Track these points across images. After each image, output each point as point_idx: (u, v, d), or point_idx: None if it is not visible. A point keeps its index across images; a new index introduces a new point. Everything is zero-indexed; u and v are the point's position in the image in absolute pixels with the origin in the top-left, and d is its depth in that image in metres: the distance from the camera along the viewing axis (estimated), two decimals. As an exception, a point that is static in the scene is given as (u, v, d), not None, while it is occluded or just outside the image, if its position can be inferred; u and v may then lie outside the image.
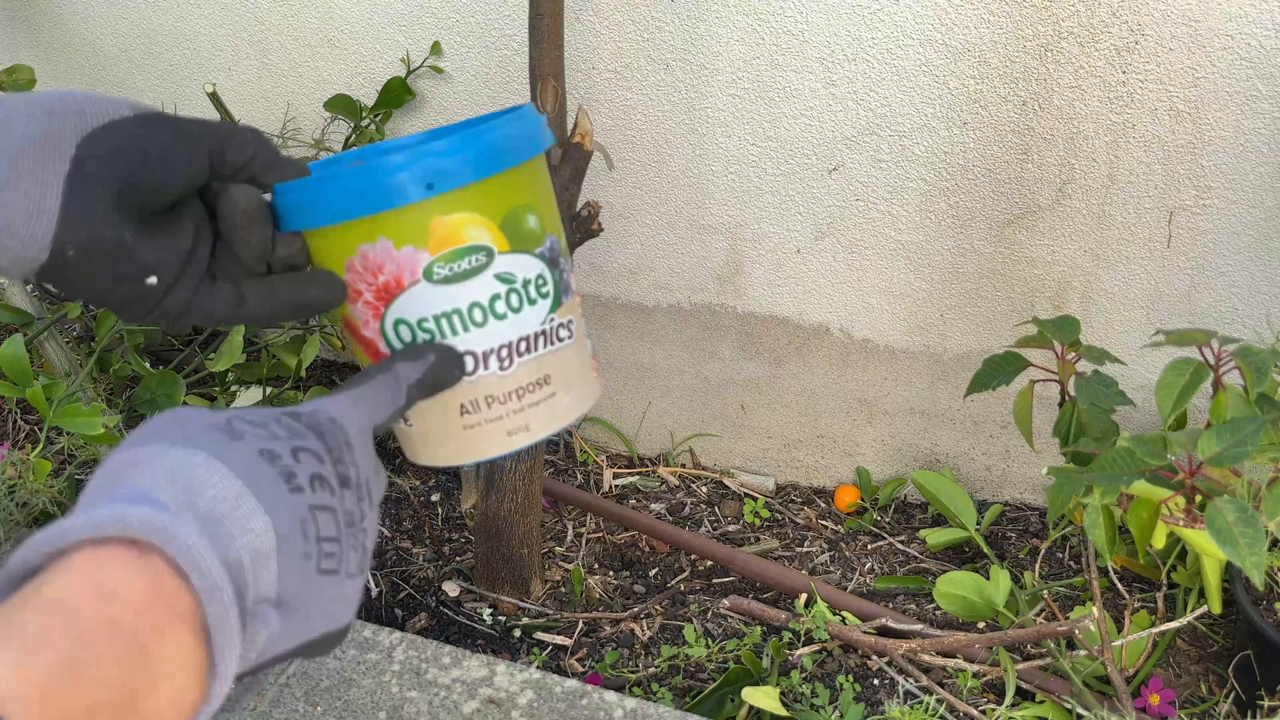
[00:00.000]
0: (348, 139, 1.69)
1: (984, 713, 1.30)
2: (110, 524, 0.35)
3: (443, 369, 0.52)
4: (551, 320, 0.54)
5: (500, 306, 0.52)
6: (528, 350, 0.53)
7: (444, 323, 0.52)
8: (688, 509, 1.78)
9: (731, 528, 1.74)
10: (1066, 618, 1.33)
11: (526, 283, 0.53)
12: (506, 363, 0.53)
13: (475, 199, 0.51)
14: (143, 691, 0.34)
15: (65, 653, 0.32)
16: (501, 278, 0.52)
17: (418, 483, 1.80)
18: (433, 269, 0.51)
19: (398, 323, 0.52)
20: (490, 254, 0.51)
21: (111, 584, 0.34)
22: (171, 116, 0.50)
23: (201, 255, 0.52)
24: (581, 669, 1.47)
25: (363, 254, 0.52)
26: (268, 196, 0.53)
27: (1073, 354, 1.24)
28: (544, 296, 0.53)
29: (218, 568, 0.37)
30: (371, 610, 1.55)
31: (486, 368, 0.53)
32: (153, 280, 0.50)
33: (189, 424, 0.42)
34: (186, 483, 0.39)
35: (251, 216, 0.52)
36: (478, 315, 0.52)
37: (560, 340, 0.55)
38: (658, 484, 1.84)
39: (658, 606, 1.57)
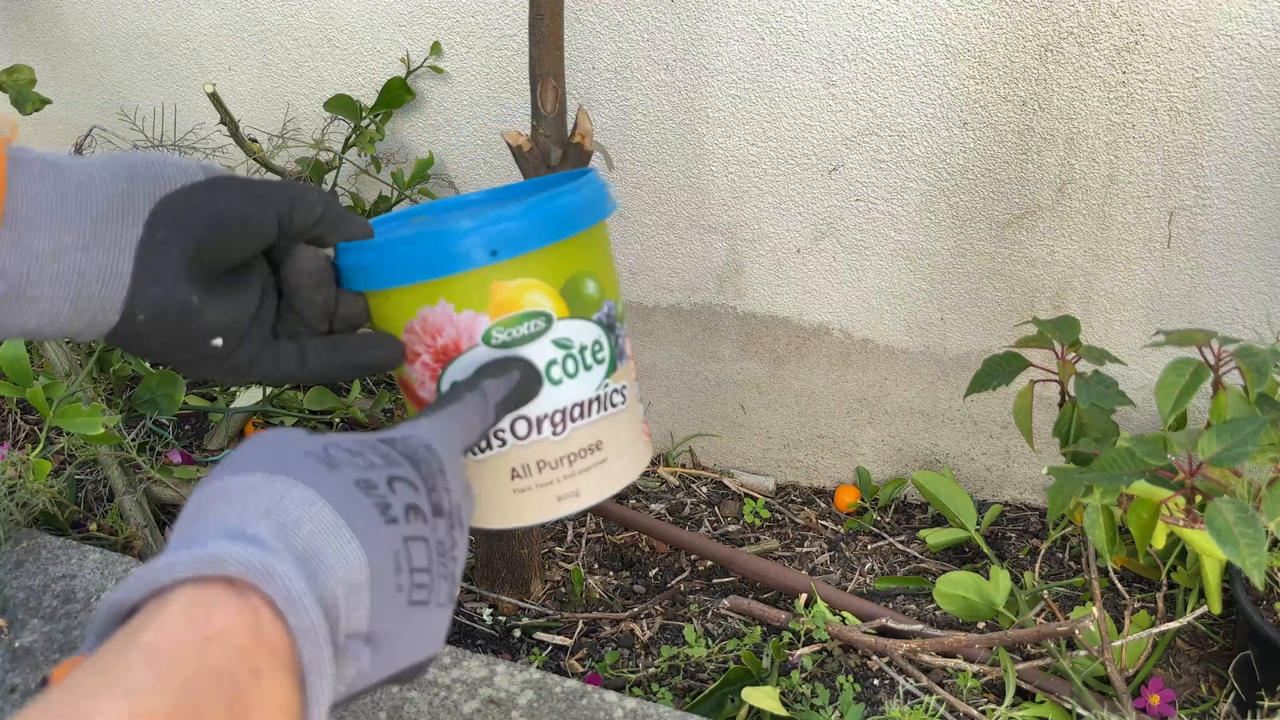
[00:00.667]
0: (347, 139, 1.69)
1: (984, 713, 1.30)
2: (209, 564, 0.35)
3: (527, 385, 0.51)
4: (606, 386, 0.54)
5: (556, 372, 0.52)
6: (582, 416, 0.53)
7: None
8: (688, 509, 1.78)
9: (731, 528, 1.74)
10: (1066, 618, 1.33)
11: (584, 349, 0.53)
12: (560, 428, 0.53)
13: (538, 265, 0.51)
14: None
15: (170, 702, 0.32)
16: (559, 343, 0.52)
17: (418, 483, 1.80)
18: (491, 333, 0.51)
19: (454, 385, 0.53)
20: (549, 319, 0.52)
21: (213, 628, 0.34)
22: (243, 179, 0.50)
23: (267, 314, 0.53)
24: (581, 669, 1.47)
25: (423, 317, 0.52)
26: (330, 253, 0.54)
27: (1073, 354, 1.24)
28: (600, 362, 0.54)
29: (313, 607, 0.36)
30: (371, 610, 1.55)
31: (540, 433, 0.52)
32: (218, 341, 0.51)
33: (287, 451, 0.42)
34: (283, 517, 0.38)
35: (317, 279, 0.52)
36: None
37: (614, 406, 0.55)
38: (658, 484, 1.84)
39: (658, 606, 1.57)
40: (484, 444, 0.53)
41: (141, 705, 0.31)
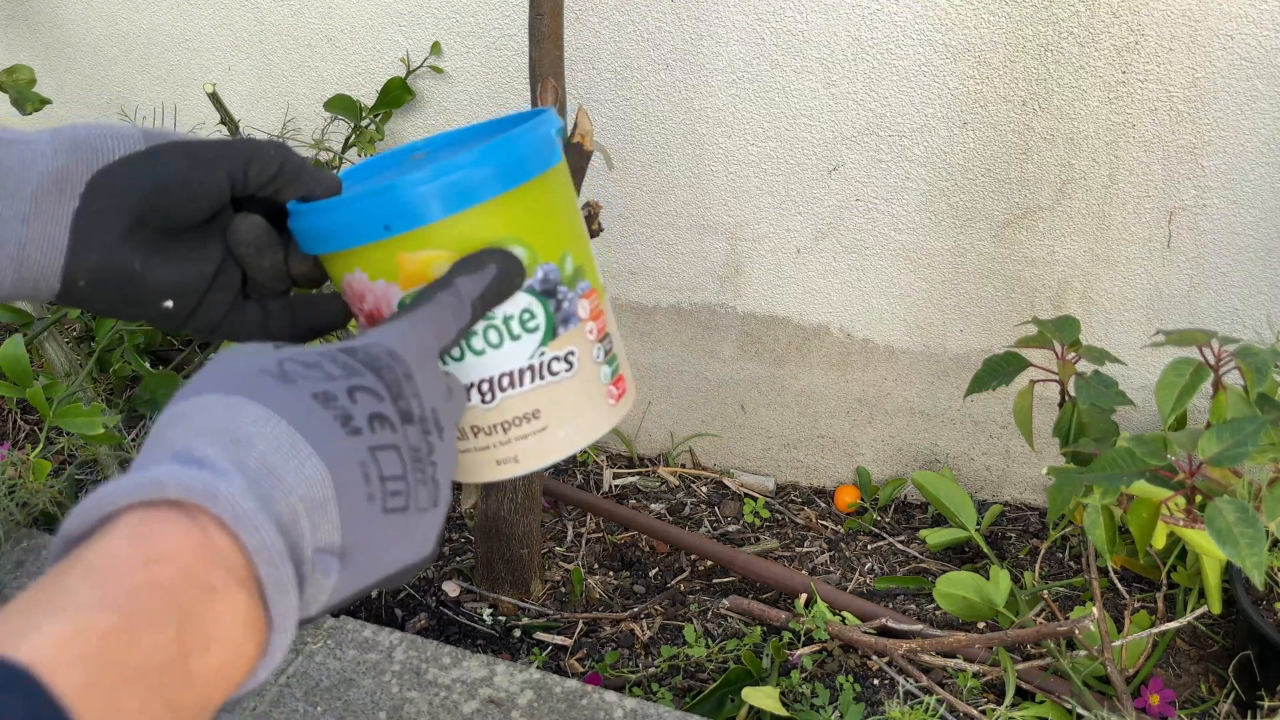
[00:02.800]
0: (347, 139, 1.69)
1: (984, 713, 1.30)
2: (151, 488, 0.35)
3: (505, 278, 0.50)
4: (543, 354, 0.51)
5: (478, 343, 0.50)
6: (512, 385, 0.51)
7: None
8: (688, 509, 1.78)
9: (731, 528, 1.74)
10: (1066, 618, 1.33)
11: (509, 318, 0.50)
12: (488, 396, 0.51)
13: (439, 237, 0.49)
14: (194, 651, 0.34)
15: (111, 617, 0.32)
16: None
17: (418, 483, 1.80)
18: (405, 302, 0.50)
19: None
20: None
21: (157, 548, 0.34)
22: (187, 142, 0.51)
23: (231, 275, 0.54)
24: (581, 669, 1.46)
25: (348, 282, 0.52)
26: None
27: (1073, 354, 1.24)
28: (531, 331, 0.51)
29: (265, 524, 0.36)
30: (371, 610, 1.55)
31: (469, 399, 0.51)
32: (169, 304, 0.51)
33: (242, 369, 0.41)
34: (235, 435, 0.38)
35: (257, 244, 0.53)
36: (454, 350, 0.51)
37: (553, 374, 0.52)
38: (658, 484, 1.84)
39: (658, 606, 1.57)
40: None
41: (83, 621, 0.31)
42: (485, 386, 0.51)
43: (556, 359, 0.52)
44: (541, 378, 0.51)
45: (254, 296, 0.55)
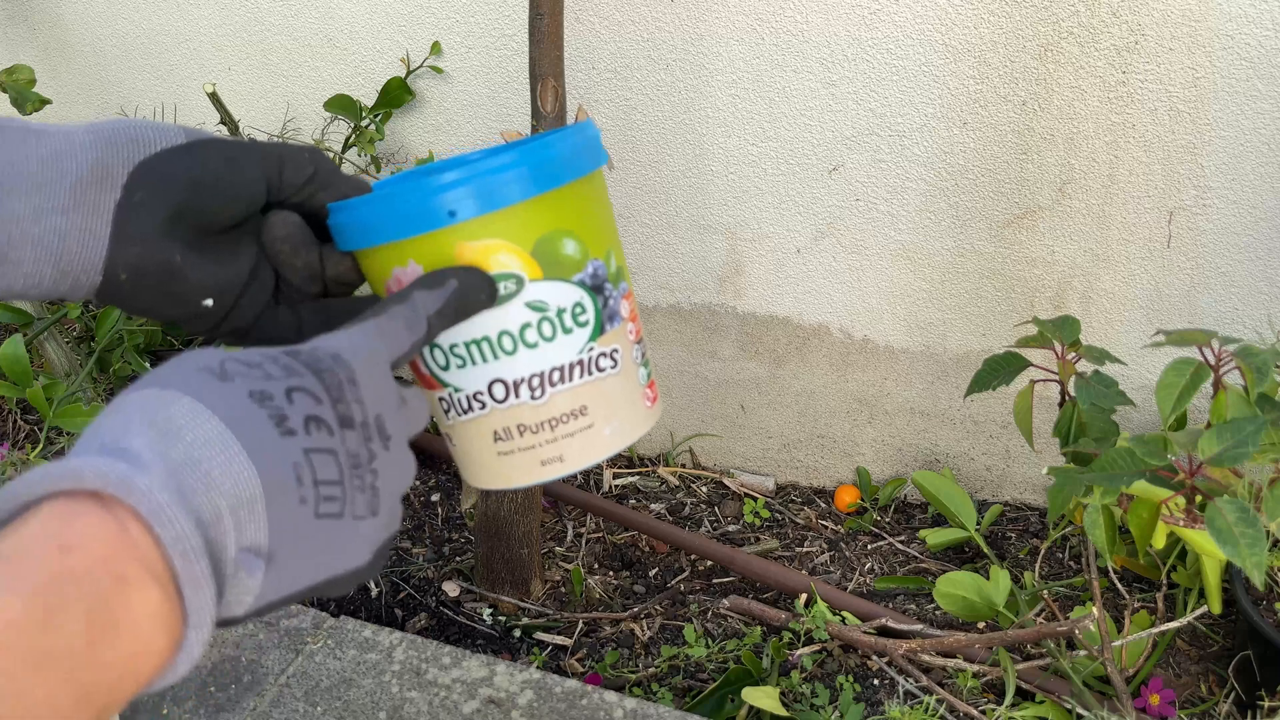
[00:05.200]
0: (347, 139, 1.69)
1: (984, 713, 1.30)
2: (67, 478, 0.35)
3: (468, 295, 0.49)
4: (591, 350, 0.52)
5: (531, 335, 0.50)
6: (562, 380, 0.51)
7: (474, 349, 0.51)
8: (688, 509, 1.78)
9: (731, 528, 1.74)
10: (1066, 618, 1.33)
11: (561, 311, 0.51)
12: (538, 392, 0.51)
13: (501, 226, 0.49)
14: (102, 641, 0.33)
15: (19, 604, 0.32)
16: (533, 305, 0.50)
17: (418, 483, 1.80)
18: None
19: (432, 347, 0.51)
20: (520, 281, 0.50)
21: (70, 537, 0.34)
22: (226, 141, 0.50)
23: (266, 277, 0.53)
24: (581, 669, 1.46)
25: (396, 277, 0.51)
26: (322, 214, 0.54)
27: (1073, 354, 1.24)
28: (581, 325, 0.51)
29: (181, 517, 0.36)
30: (371, 610, 1.55)
31: (518, 396, 0.51)
32: (209, 302, 0.51)
33: (183, 365, 0.41)
34: (164, 429, 0.38)
35: (293, 242, 0.52)
36: (507, 343, 0.50)
37: (600, 370, 0.52)
38: (658, 484, 1.84)
39: (658, 606, 1.57)
40: (465, 406, 0.52)
41: None
42: (536, 382, 0.51)
43: (603, 355, 0.52)
44: (590, 373, 0.51)
45: (286, 301, 0.55)
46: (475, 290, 0.49)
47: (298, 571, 0.41)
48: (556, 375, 0.51)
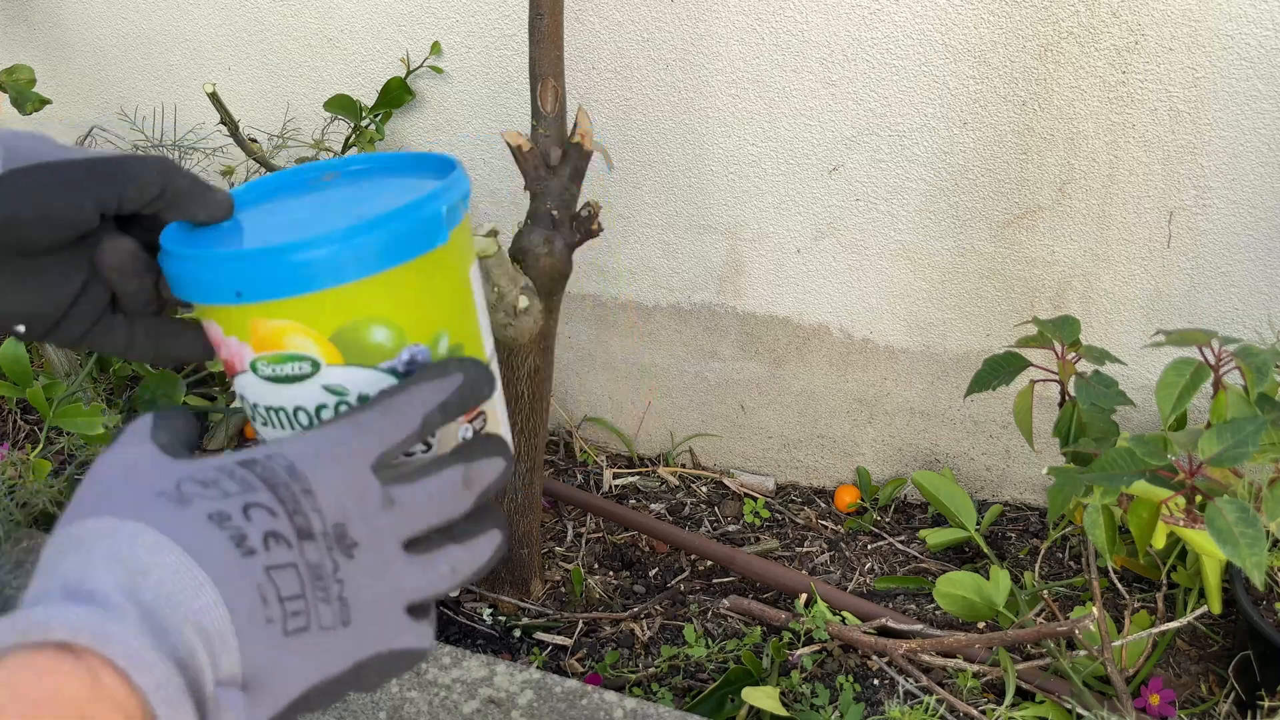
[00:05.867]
0: (347, 139, 1.69)
1: (984, 713, 1.30)
2: (35, 629, 0.34)
3: (471, 389, 0.47)
4: None
5: (327, 415, 0.48)
6: None
7: (275, 414, 0.48)
8: (688, 509, 1.78)
9: (731, 528, 1.74)
10: (1066, 618, 1.33)
11: (363, 397, 0.47)
12: None
13: (295, 311, 0.46)
14: None
15: None
16: (331, 389, 0.47)
17: (418, 483, 1.80)
18: (257, 365, 0.48)
19: (242, 397, 0.50)
20: (316, 365, 0.47)
21: (42, 692, 0.33)
22: (53, 165, 0.48)
23: (100, 295, 0.52)
24: (581, 669, 1.47)
25: (206, 326, 0.50)
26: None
27: (1073, 354, 1.24)
28: None
29: (160, 662, 0.35)
30: (371, 610, 1.55)
31: None
32: (21, 328, 0.51)
33: (139, 487, 0.40)
34: (131, 566, 0.37)
35: (123, 270, 0.51)
36: (303, 419, 0.48)
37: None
38: (658, 484, 1.84)
39: (658, 606, 1.57)
40: None
41: None
42: None
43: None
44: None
45: (123, 312, 0.54)
46: (480, 385, 0.47)
47: (276, 691, 0.39)
48: None
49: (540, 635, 1.52)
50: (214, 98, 1.59)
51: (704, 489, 1.83)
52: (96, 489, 0.41)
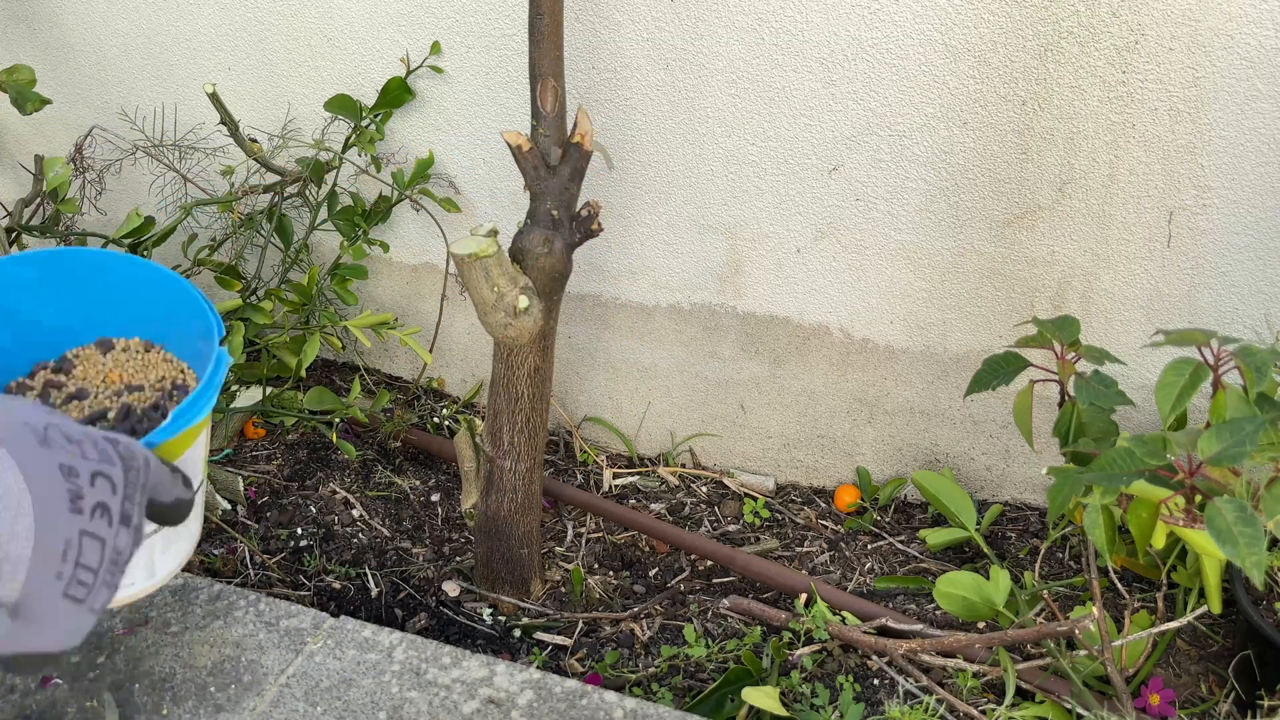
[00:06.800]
0: (348, 139, 1.69)
1: (984, 713, 1.30)
2: None
3: (176, 510, 0.52)
4: None
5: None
6: None
7: None
8: (688, 509, 1.78)
9: (731, 528, 1.74)
10: (1066, 618, 1.33)
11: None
12: None
13: None
14: None
15: None
16: None
17: (418, 483, 1.80)
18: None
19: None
20: None
21: None
22: None
23: None
24: (581, 669, 1.47)
25: None
26: None
27: (1073, 354, 1.25)
28: None
29: None
30: (371, 610, 1.55)
31: None
32: None
33: (11, 415, 0.43)
34: None
35: None
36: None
37: None
38: (658, 484, 1.84)
39: (658, 606, 1.57)
40: None
41: None
42: None
43: None
44: None
45: None
46: (183, 511, 0.54)
47: (23, 636, 0.42)
48: None
49: (540, 635, 1.52)
50: (214, 98, 1.59)
51: (704, 489, 1.83)
52: None
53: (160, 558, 0.61)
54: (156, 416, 0.66)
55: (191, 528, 0.64)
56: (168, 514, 0.51)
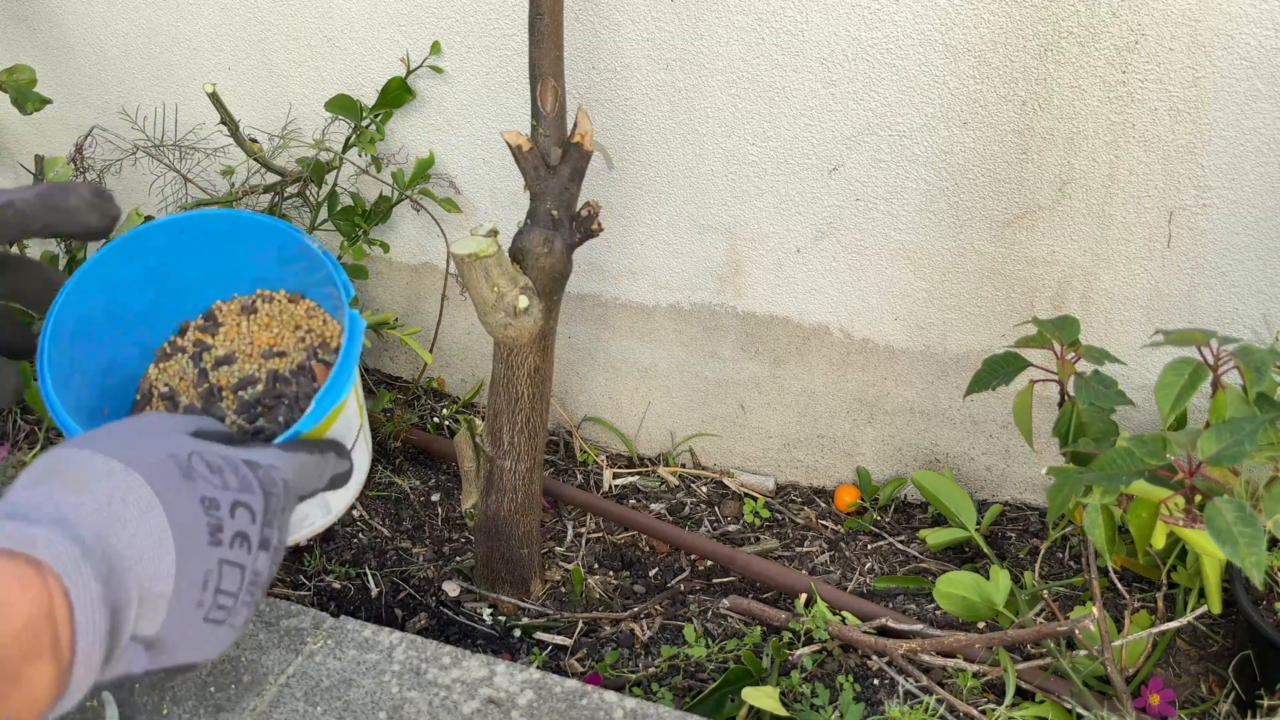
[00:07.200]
0: (348, 139, 1.69)
1: (984, 713, 1.30)
2: (23, 542, 0.37)
3: (332, 486, 0.56)
4: None
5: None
6: None
7: None
8: (688, 509, 1.78)
9: (731, 528, 1.74)
10: (1066, 618, 1.33)
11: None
12: None
13: None
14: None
15: None
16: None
17: (418, 483, 1.80)
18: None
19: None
20: None
21: (7, 595, 0.36)
22: None
23: None
24: (581, 669, 1.47)
25: None
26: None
27: (1072, 354, 1.24)
28: None
29: (100, 611, 0.38)
30: (371, 610, 1.55)
31: None
32: None
33: (154, 446, 0.44)
34: (119, 515, 0.40)
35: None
36: None
37: None
38: (658, 484, 1.84)
39: (658, 606, 1.57)
40: None
41: None
42: None
43: None
44: None
45: None
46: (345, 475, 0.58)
47: (163, 659, 0.43)
48: None
49: (540, 635, 1.52)
50: (214, 98, 1.59)
51: (704, 489, 1.83)
52: (119, 430, 0.44)
53: (334, 496, 0.63)
54: (304, 380, 0.68)
55: (361, 466, 0.66)
56: (323, 493, 0.55)
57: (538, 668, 1.24)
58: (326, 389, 0.58)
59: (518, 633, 1.52)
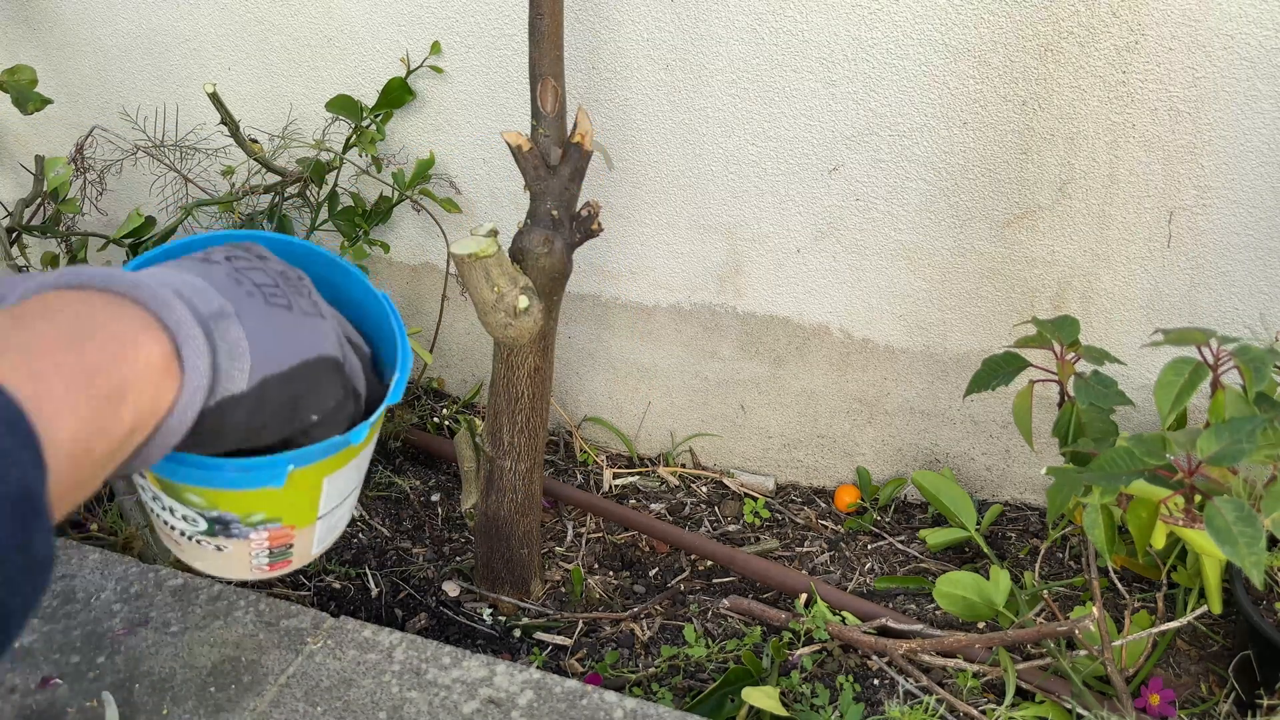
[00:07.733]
0: (348, 139, 1.69)
1: (984, 713, 1.30)
2: (122, 283, 0.44)
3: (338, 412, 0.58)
4: (198, 540, 0.62)
5: (157, 508, 0.62)
6: (182, 536, 0.62)
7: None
8: (688, 509, 1.78)
9: (731, 528, 1.74)
10: (1066, 618, 1.33)
11: (173, 510, 0.61)
12: (176, 534, 0.63)
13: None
14: (117, 360, 0.42)
15: (51, 330, 0.40)
16: (154, 498, 0.61)
17: (418, 483, 1.80)
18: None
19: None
20: (146, 488, 0.61)
21: (95, 311, 0.43)
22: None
23: None
24: (581, 669, 1.47)
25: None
26: None
27: (1072, 354, 1.24)
28: (191, 524, 0.61)
29: (181, 306, 0.45)
30: (371, 610, 1.55)
31: (170, 528, 0.63)
32: None
33: (166, 263, 0.51)
34: (162, 277, 0.47)
35: None
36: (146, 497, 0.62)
37: (203, 548, 0.63)
38: (658, 484, 1.84)
39: (658, 606, 1.57)
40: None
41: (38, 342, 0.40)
42: (170, 529, 0.62)
43: (209, 543, 0.62)
44: (199, 543, 0.62)
45: None
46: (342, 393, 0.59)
47: (271, 346, 0.48)
48: (177, 531, 0.62)
49: (540, 635, 1.52)
50: (214, 98, 1.59)
51: (704, 489, 1.83)
52: (160, 257, 0.54)
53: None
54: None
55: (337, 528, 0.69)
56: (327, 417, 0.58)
57: (538, 668, 1.24)
58: (396, 385, 0.61)
59: (518, 633, 1.52)
